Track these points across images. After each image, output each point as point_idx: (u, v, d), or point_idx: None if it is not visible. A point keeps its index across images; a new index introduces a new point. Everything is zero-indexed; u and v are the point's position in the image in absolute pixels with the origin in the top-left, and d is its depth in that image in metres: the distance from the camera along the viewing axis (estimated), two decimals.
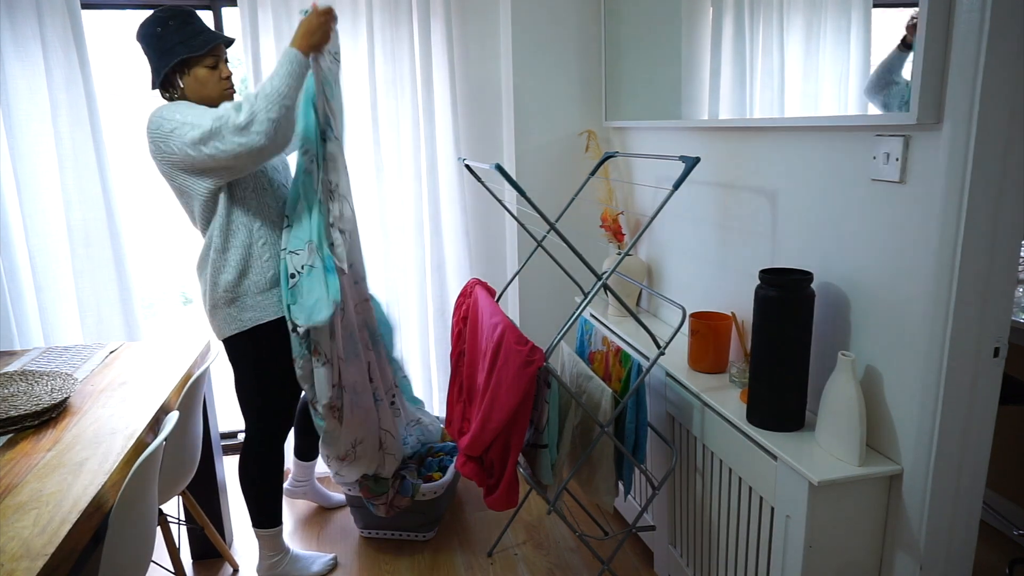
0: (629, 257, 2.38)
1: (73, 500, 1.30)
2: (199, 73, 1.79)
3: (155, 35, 1.75)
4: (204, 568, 2.30)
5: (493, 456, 1.79)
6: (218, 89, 1.83)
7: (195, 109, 1.72)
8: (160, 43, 1.74)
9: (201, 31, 1.78)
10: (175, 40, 1.74)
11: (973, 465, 1.35)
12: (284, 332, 1.92)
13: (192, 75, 1.79)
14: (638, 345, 2.13)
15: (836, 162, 1.49)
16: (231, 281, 1.85)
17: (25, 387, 1.77)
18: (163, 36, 1.74)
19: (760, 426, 1.55)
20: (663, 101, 2.27)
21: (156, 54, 1.76)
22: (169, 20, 1.75)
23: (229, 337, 1.92)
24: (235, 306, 1.88)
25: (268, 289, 1.89)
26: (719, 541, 1.77)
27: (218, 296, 1.87)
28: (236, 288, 1.86)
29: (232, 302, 1.87)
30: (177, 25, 1.75)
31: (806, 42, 1.58)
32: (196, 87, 1.80)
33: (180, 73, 1.78)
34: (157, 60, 1.76)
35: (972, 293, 1.25)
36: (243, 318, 1.88)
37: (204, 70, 1.79)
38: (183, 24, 1.76)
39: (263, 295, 1.89)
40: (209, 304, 1.91)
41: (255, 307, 1.88)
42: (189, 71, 1.78)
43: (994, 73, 1.16)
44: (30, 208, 2.50)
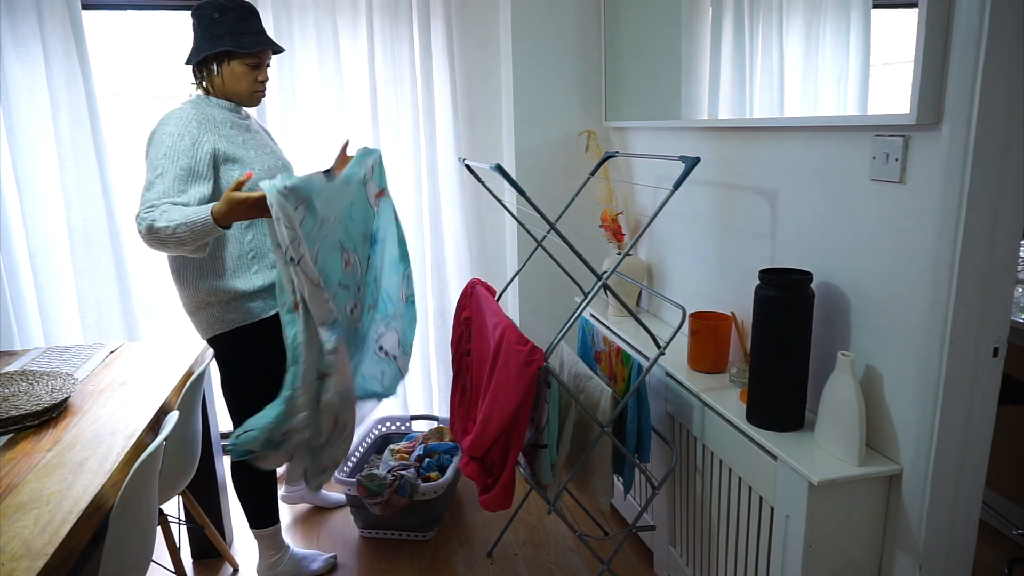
0: (629, 257, 2.38)
1: (73, 500, 1.30)
2: (237, 68, 1.79)
3: (211, 18, 1.75)
4: (204, 568, 2.30)
5: (494, 456, 1.79)
6: (250, 89, 1.84)
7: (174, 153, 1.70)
8: (213, 27, 1.75)
9: (255, 31, 1.79)
10: (227, 31, 1.75)
11: (973, 465, 1.35)
12: (267, 334, 1.89)
13: (230, 67, 1.79)
14: (638, 345, 2.13)
15: (836, 162, 1.49)
16: (216, 286, 1.83)
17: (25, 387, 1.77)
18: (217, 22, 1.75)
19: (760, 426, 1.56)
20: (663, 101, 2.27)
21: (205, 36, 1.76)
22: (230, 10, 1.76)
23: (212, 337, 1.91)
24: (218, 308, 1.86)
25: (252, 294, 1.87)
26: (719, 541, 1.77)
27: (199, 298, 1.85)
28: (220, 292, 1.84)
29: (214, 305, 1.85)
30: (235, 17, 1.76)
31: (806, 42, 1.58)
32: (229, 79, 1.80)
33: (220, 61, 1.78)
34: (203, 42, 1.76)
35: (971, 293, 1.25)
36: (226, 319, 1.87)
37: (243, 67, 1.80)
38: (241, 19, 1.77)
39: (246, 300, 1.87)
40: (192, 305, 1.88)
41: (238, 310, 1.86)
42: (229, 62, 1.79)
43: (993, 73, 1.16)
44: (30, 208, 2.50)
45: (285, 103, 2.59)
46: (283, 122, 2.61)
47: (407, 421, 2.83)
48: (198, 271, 1.83)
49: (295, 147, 2.63)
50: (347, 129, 2.66)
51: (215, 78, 1.81)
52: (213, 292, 1.84)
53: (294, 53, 2.57)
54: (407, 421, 2.83)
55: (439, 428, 2.75)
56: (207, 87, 1.84)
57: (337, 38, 2.58)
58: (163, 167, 1.69)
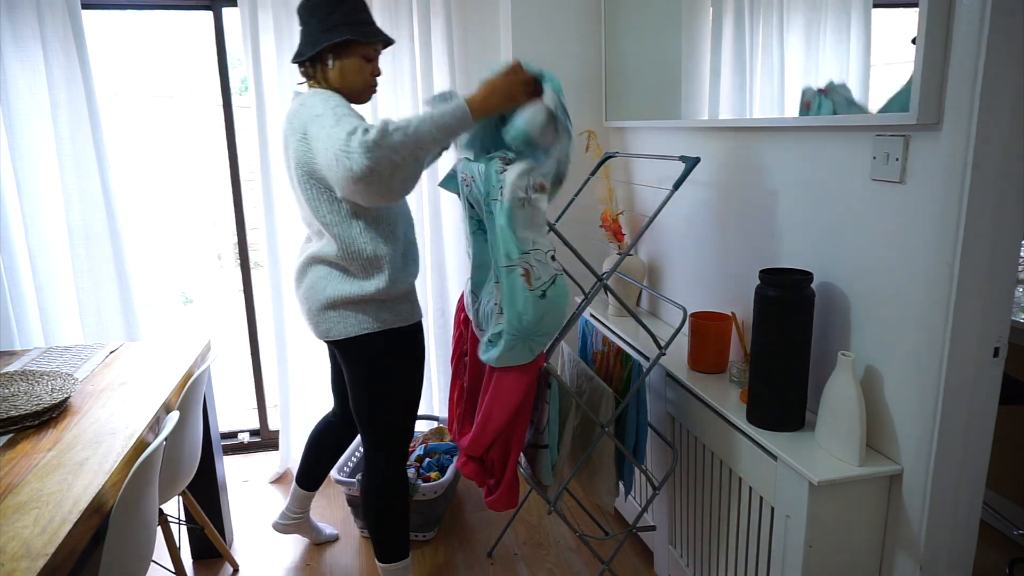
0: (629, 257, 2.38)
1: (73, 500, 1.30)
2: (353, 61, 1.73)
3: (325, 10, 1.70)
4: (204, 568, 2.30)
5: (494, 456, 1.79)
6: (363, 83, 1.76)
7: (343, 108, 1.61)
8: (328, 18, 1.69)
9: (370, 22, 1.74)
10: (343, 21, 1.69)
11: (973, 465, 1.35)
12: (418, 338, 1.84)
13: (347, 60, 1.72)
14: (638, 345, 2.13)
15: (836, 162, 1.49)
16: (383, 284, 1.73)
17: (25, 387, 1.77)
18: (332, 13, 1.69)
19: (760, 426, 1.55)
20: (663, 101, 2.27)
21: (320, 27, 1.70)
22: (346, 2, 1.71)
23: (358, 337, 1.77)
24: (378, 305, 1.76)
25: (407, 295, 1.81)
26: (719, 541, 1.77)
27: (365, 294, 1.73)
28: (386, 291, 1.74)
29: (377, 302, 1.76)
30: (349, 9, 1.71)
31: (806, 42, 1.58)
32: (345, 73, 1.73)
33: (335, 54, 1.72)
34: (319, 34, 1.70)
35: (972, 293, 1.25)
36: (381, 318, 1.76)
37: (359, 60, 1.73)
38: (355, 10, 1.72)
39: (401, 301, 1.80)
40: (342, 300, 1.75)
41: (392, 311, 1.78)
42: (346, 55, 1.72)
43: (994, 73, 1.16)
44: (30, 208, 2.50)
45: (285, 102, 2.59)
46: (283, 121, 2.60)
47: None
48: (365, 267, 1.73)
49: None
50: None
51: (330, 71, 1.73)
52: (381, 290, 1.73)
53: (294, 52, 2.56)
54: None
55: (439, 428, 2.75)
56: (320, 83, 1.76)
57: None
58: (344, 111, 1.57)
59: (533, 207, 1.53)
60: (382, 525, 1.92)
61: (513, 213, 1.52)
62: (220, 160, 2.87)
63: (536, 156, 1.58)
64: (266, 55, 2.55)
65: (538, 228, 1.54)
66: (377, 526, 1.93)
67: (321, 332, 1.82)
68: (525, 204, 1.52)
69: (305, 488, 2.29)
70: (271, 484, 2.84)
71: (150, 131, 5.45)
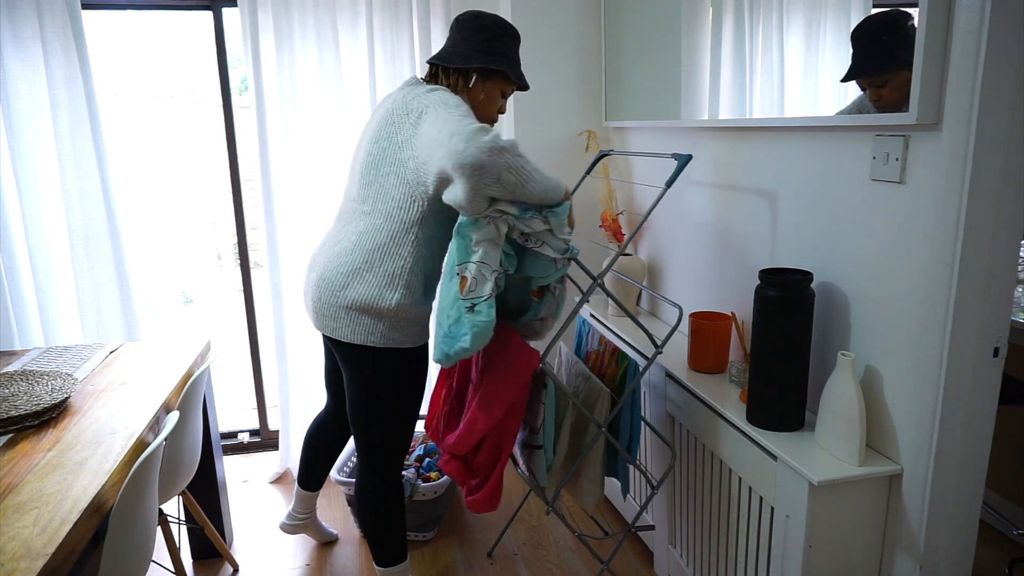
0: (629, 257, 2.38)
1: (73, 500, 1.30)
2: (495, 91, 1.78)
3: (497, 36, 1.75)
4: (204, 568, 2.30)
5: (482, 458, 1.77)
6: (490, 114, 1.82)
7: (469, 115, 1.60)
8: (492, 43, 1.74)
9: (519, 64, 1.82)
10: (507, 55, 1.76)
11: (973, 465, 1.35)
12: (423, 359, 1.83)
13: (490, 88, 1.78)
14: (637, 345, 2.13)
15: (836, 162, 1.49)
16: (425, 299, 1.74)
17: (25, 387, 1.77)
18: (502, 41, 1.75)
19: (760, 426, 1.55)
20: (663, 101, 2.27)
21: (484, 48, 1.74)
22: (511, 36, 1.78)
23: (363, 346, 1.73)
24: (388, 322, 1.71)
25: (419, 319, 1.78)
26: (719, 541, 1.77)
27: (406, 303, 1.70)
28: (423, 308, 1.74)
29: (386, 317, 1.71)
30: (513, 45, 1.79)
31: (806, 42, 1.58)
32: (483, 98, 1.78)
33: (484, 78, 1.76)
34: (479, 54, 1.73)
35: (972, 293, 1.25)
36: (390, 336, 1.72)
37: (498, 92, 1.79)
38: (516, 48, 1.80)
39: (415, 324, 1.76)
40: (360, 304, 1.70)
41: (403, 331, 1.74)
42: (493, 83, 1.77)
43: (994, 73, 1.16)
44: (30, 208, 2.50)
45: (285, 102, 2.59)
46: (283, 121, 2.61)
47: None
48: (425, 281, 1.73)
49: (295, 146, 2.63)
50: (347, 128, 2.66)
51: (472, 89, 1.76)
52: (396, 307, 1.69)
53: (294, 52, 2.57)
54: None
55: None
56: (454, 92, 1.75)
57: (337, 38, 2.58)
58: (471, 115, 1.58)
59: (495, 226, 1.53)
60: (378, 531, 1.91)
61: (477, 220, 1.53)
62: (220, 160, 2.87)
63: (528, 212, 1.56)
64: (266, 55, 2.55)
65: (493, 244, 1.53)
66: (373, 531, 1.92)
67: (326, 327, 1.76)
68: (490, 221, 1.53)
69: (307, 489, 2.28)
70: (271, 484, 2.84)
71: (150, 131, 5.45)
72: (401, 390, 1.81)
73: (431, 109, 1.61)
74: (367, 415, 1.82)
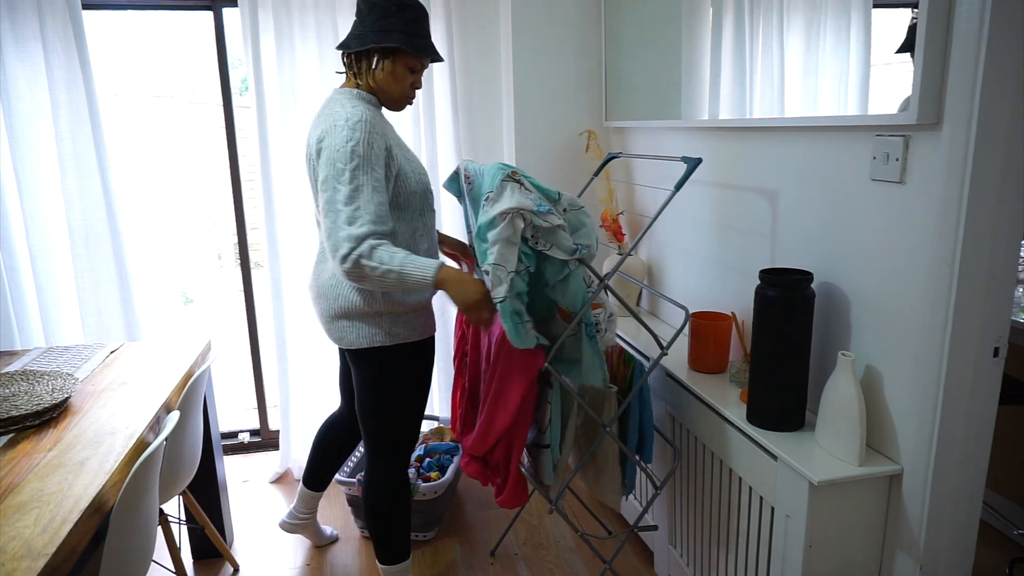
0: (630, 257, 2.38)
1: (74, 500, 1.30)
2: (399, 68, 1.72)
3: (385, 10, 1.68)
4: (204, 568, 2.30)
5: (498, 456, 1.79)
6: (402, 92, 1.76)
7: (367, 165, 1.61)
8: (385, 20, 1.68)
9: (425, 35, 1.74)
10: (401, 28, 1.68)
11: (973, 465, 1.35)
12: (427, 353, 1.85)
13: (393, 65, 1.71)
14: (639, 345, 2.13)
15: (836, 162, 1.49)
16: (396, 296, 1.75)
17: (26, 387, 1.77)
18: (390, 17, 1.68)
19: (760, 426, 1.56)
20: (663, 101, 2.27)
21: (376, 27, 1.68)
22: (407, 8, 1.69)
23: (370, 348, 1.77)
24: (387, 319, 1.75)
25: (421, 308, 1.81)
26: (719, 541, 1.77)
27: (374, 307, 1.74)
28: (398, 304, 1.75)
29: (386, 315, 1.75)
30: (411, 17, 1.70)
31: (806, 42, 1.58)
32: (387, 78, 1.73)
33: (383, 56, 1.71)
34: (372, 32, 1.68)
35: (972, 293, 1.25)
36: (393, 332, 1.76)
37: (403, 69, 1.73)
38: (414, 19, 1.70)
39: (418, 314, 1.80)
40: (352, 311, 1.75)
41: (406, 324, 1.78)
42: (393, 60, 1.71)
43: (994, 73, 1.16)
44: (30, 208, 2.50)
45: (285, 102, 2.59)
46: (283, 121, 2.61)
47: None
48: None
49: (295, 146, 2.63)
50: None
51: (374, 71, 1.72)
52: (391, 302, 1.74)
53: (294, 52, 2.57)
54: None
55: (439, 428, 2.75)
56: (358, 80, 1.75)
57: (337, 38, 2.58)
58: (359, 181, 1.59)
59: (511, 224, 1.51)
60: (383, 528, 1.93)
61: (492, 220, 1.52)
62: (220, 160, 2.87)
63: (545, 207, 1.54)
64: (266, 55, 2.55)
65: (508, 243, 1.52)
66: (378, 529, 1.93)
67: (334, 338, 1.82)
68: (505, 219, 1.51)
69: (312, 488, 2.28)
70: (271, 484, 2.84)
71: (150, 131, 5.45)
72: (408, 386, 1.83)
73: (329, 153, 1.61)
74: (376, 412, 1.84)
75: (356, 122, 1.61)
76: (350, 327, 1.77)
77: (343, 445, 2.23)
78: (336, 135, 1.61)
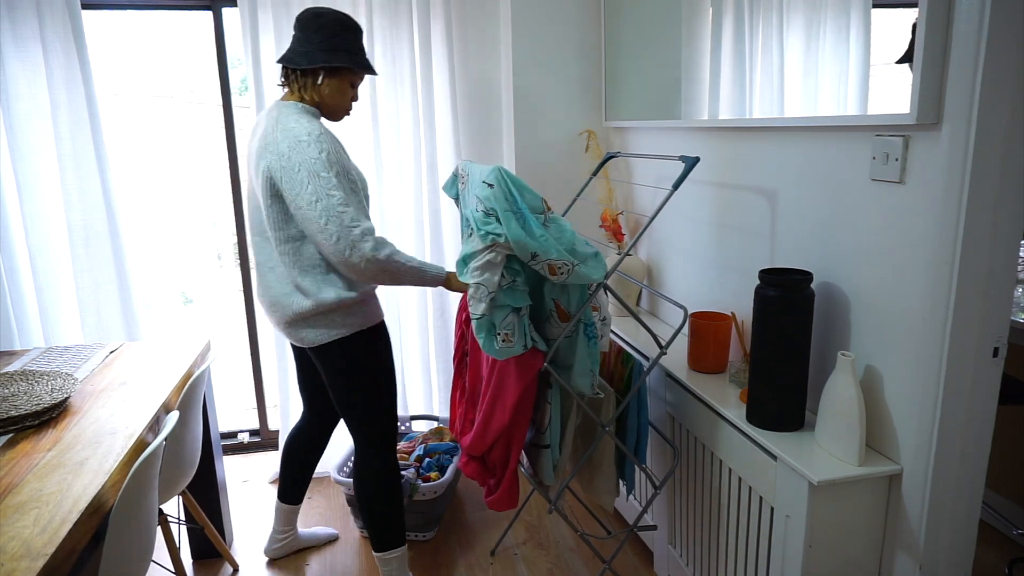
0: (629, 257, 2.38)
1: (73, 500, 1.30)
2: (343, 84, 1.84)
3: (331, 31, 1.79)
4: (204, 568, 2.30)
5: (496, 456, 1.79)
6: (343, 106, 1.88)
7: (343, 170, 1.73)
8: (332, 40, 1.79)
9: (363, 51, 1.86)
10: (347, 48, 1.80)
11: (973, 465, 1.35)
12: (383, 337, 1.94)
13: (337, 82, 1.83)
14: (638, 345, 2.13)
15: (836, 162, 1.49)
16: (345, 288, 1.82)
17: (25, 387, 1.77)
18: (336, 37, 1.79)
19: (760, 426, 1.56)
20: (663, 101, 2.28)
21: (322, 46, 1.79)
22: (351, 31, 1.82)
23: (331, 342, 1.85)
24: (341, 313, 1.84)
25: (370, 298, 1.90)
26: (719, 541, 1.77)
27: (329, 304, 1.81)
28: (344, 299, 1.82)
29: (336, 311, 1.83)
30: (353, 38, 1.82)
31: (806, 42, 1.58)
32: (333, 94, 1.84)
33: (329, 75, 1.82)
34: (319, 51, 1.78)
35: (972, 293, 1.25)
36: (349, 323, 1.85)
37: (345, 85, 1.85)
38: (356, 39, 1.83)
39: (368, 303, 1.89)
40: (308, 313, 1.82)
41: (360, 314, 1.86)
42: (339, 77, 1.83)
43: (994, 73, 1.16)
44: (30, 208, 2.50)
45: None
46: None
47: (407, 421, 2.83)
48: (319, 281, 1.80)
49: None
50: (347, 128, 2.66)
51: (319, 87, 1.82)
52: (342, 299, 1.81)
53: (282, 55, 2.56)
54: (407, 421, 2.83)
55: (439, 428, 2.75)
56: (303, 94, 1.83)
57: None
58: (344, 185, 1.71)
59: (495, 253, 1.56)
60: (376, 515, 1.98)
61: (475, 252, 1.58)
62: (220, 160, 2.86)
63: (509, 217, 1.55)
64: (266, 55, 2.55)
65: (490, 265, 1.56)
66: (371, 516, 1.98)
67: (296, 340, 1.90)
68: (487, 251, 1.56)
69: (289, 502, 2.28)
70: (271, 484, 2.84)
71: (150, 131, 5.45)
72: (372, 371, 1.91)
73: (302, 163, 1.69)
74: (357, 404, 1.93)
75: (318, 135, 1.72)
76: (309, 328, 1.85)
77: (313, 450, 2.25)
78: (306, 150, 1.70)
